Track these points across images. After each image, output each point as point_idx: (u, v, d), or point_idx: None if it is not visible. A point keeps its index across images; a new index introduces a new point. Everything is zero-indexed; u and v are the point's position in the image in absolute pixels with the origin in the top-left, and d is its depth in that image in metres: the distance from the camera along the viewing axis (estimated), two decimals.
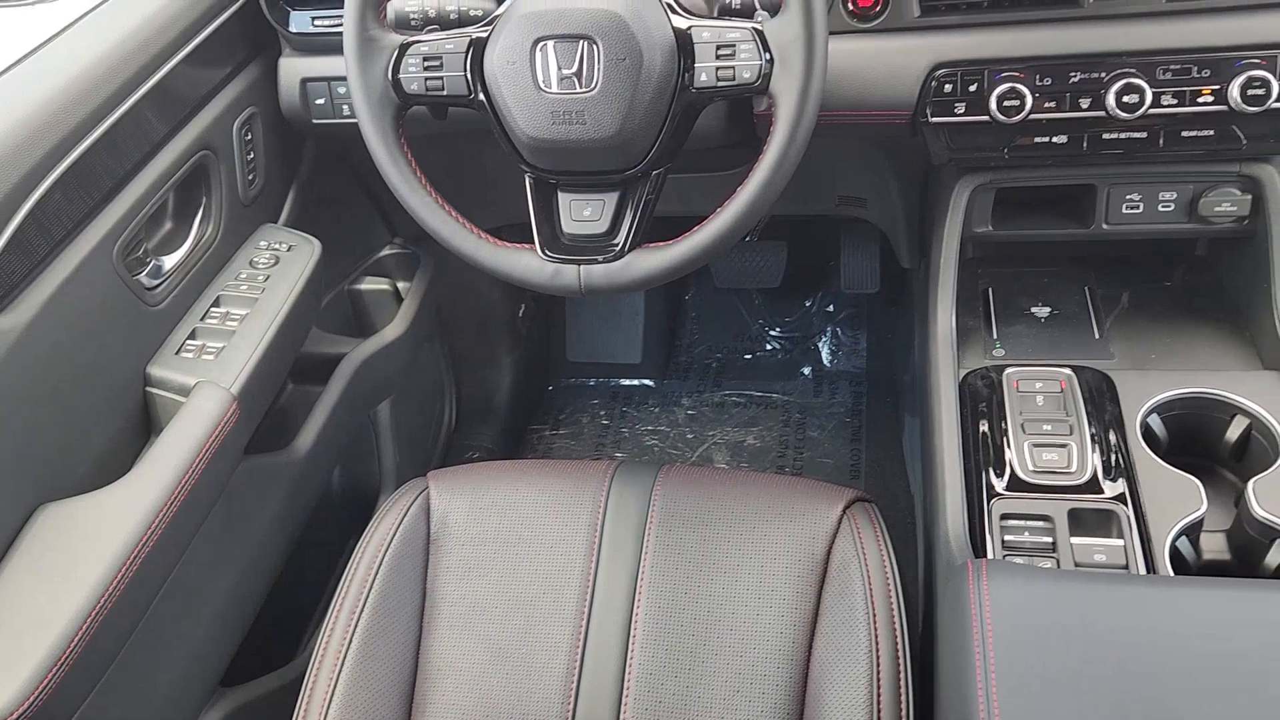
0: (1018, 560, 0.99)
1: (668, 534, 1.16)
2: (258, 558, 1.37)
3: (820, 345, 2.28)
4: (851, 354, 2.25)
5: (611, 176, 1.10)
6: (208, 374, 1.26)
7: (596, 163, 1.09)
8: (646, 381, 2.29)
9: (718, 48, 1.04)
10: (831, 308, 2.33)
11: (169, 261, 1.32)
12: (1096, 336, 1.29)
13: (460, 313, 2.02)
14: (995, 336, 1.32)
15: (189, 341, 1.31)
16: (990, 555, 1.01)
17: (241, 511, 1.32)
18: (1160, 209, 1.26)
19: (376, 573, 1.14)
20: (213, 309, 1.35)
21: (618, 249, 1.09)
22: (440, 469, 1.29)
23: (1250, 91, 1.11)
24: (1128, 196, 1.27)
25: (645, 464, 1.26)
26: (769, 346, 2.32)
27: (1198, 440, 1.17)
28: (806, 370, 2.24)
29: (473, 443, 2.08)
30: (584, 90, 1.04)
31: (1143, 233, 1.28)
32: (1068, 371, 1.17)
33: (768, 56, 1.02)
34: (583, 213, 1.12)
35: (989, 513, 1.03)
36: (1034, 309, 1.35)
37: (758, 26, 1.04)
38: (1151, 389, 1.16)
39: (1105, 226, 1.29)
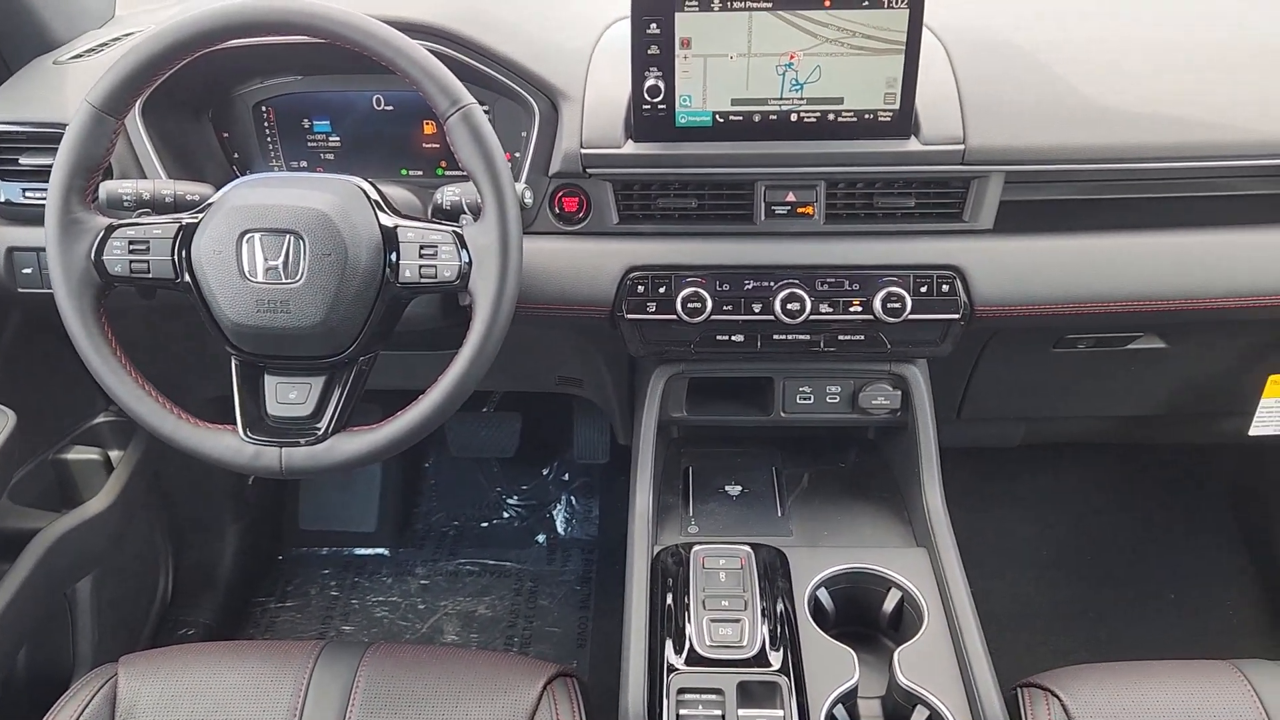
0: None
1: (369, 717, 1.16)
2: None
3: (555, 513, 2.34)
4: (584, 521, 2.33)
5: (318, 362, 1.14)
6: None
7: (303, 349, 1.13)
8: (381, 550, 2.27)
9: (421, 247, 1.12)
10: (567, 476, 2.40)
11: None
12: (779, 514, 1.42)
13: (181, 480, 1.96)
14: (691, 514, 1.42)
15: None
16: None
17: None
18: (828, 400, 1.42)
19: None
20: None
21: (321, 432, 1.13)
22: (134, 653, 1.23)
23: (890, 304, 1.29)
24: (800, 389, 1.42)
25: (352, 644, 1.26)
26: (506, 514, 2.36)
27: (862, 611, 1.29)
28: (541, 538, 2.29)
29: (189, 618, 1.98)
30: (289, 281, 1.09)
31: (814, 421, 1.44)
32: (747, 548, 1.28)
33: (466, 258, 1.11)
34: (288, 395, 1.14)
35: (668, 687, 1.10)
36: (728, 487, 1.47)
37: (459, 230, 1.13)
38: (820, 564, 1.29)
39: (783, 415, 1.43)
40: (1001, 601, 2.08)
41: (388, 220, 1.13)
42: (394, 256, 1.12)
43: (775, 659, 1.13)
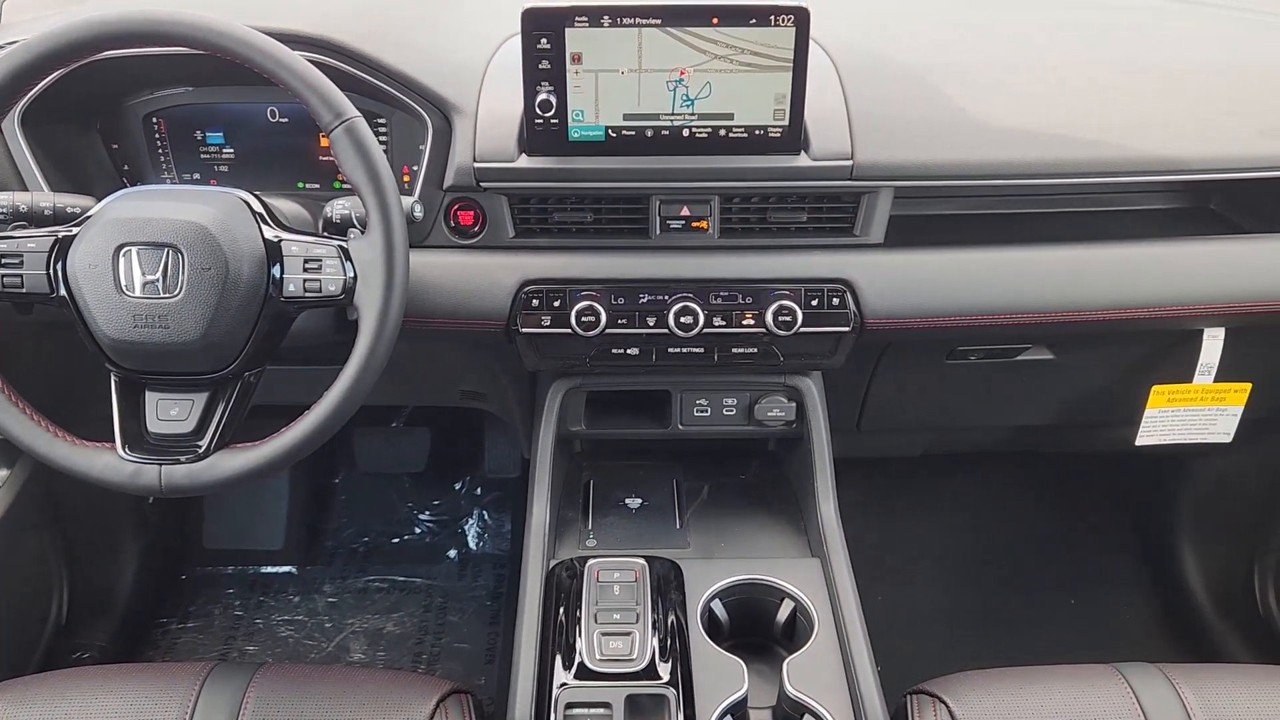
0: None
1: None
2: None
3: (467, 528, 2.32)
4: (496, 536, 2.31)
5: (201, 377, 1.12)
6: None
7: (183, 365, 1.11)
8: (289, 568, 2.23)
9: (305, 261, 1.11)
10: (479, 490, 2.39)
11: None
12: (678, 526, 1.43)
13: (76, 499, 1.90)
14: (590, 527, 1.42)
15: None
16: None
17: None
18: (725, 413, 1.44)
19: None
20: None
21: (202, 449, 1.11)
22: (9, 680, 1.20)
23: (781, 318, 1.31)
24: (697, 401, 1.44)
25: (242, 665, 1.24)
26: (417, 530, 2.33)
27: (756, 622, 1.30)
28: (452, 553, 2.27)
29: (84, 642, 1.93)
30: (168, 296, 1.07)
31: (712, 433, 1.45)
32: (642, 561, 1.28)
33: (352, 272, 1.10)
34: (169, 412, 1.12)
35: (555, 702, 1.10)
36: (628, 500, 1.48)
37: (344, 244, 1.12)
38: (715, 576, 1.30)
39: (680, 427, 1.45)
40: (908, 609, 2.12)
41: (271, 234, 1.12)
42: (277, 270, 1.11)
43: (665, 671, 1.13)
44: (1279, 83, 1.41)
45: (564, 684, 1.12)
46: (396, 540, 2.30)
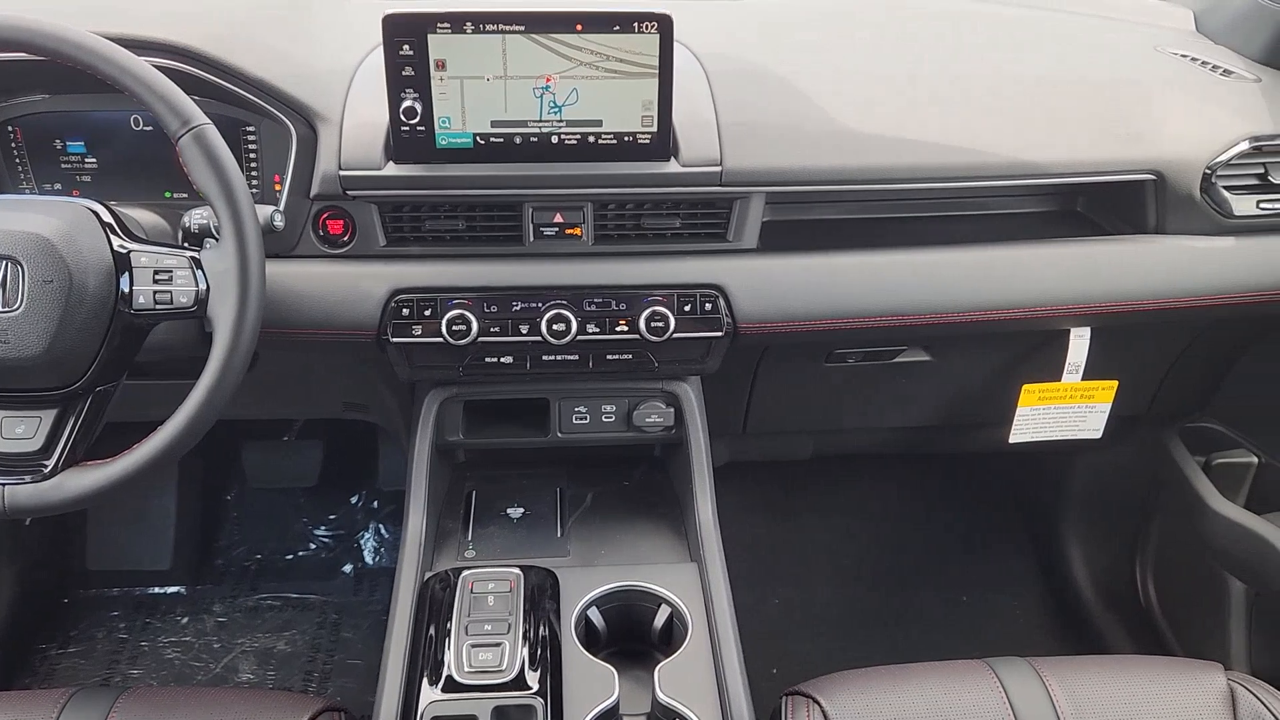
0: None
1: None
2: None
3: (363, 542, 2.29)
4: (393, 550, 2.27)
5: (48, 394, 1.09)
6: None
7: (28, 381, 1.07)
8: (178, 589, 2.17)
9: (155, 272, 1.08)
10: (376, 504, 2.35)
11: None
12: (559, 535, 1.42)
13: None
14: (470, 538, 1.41)
15: None
16: None
17: None
18: (604, 419, 1.43)
19: None
20: None
21: (49, 468, 1.07)
22: None
23: (654, 323, 1.31)
24: (576, 409, 1.43)
25: (105, 690, 1.20)
26: (312, 545, 2.29)
27: (634, 629, 1.30)
28: (348, 568, 2.23)
29: None
30: (7, 310, 1.03)
31: (591, 440, 1.45)
32: (517, 571, 1.27)
33: (205, 283, 1.07)
34: (15, 430, 1.08)
35: (421, 716, 1.08)
36: (509, 510, 1.46)
37: (195, 255, 1.09)
38: (593, 583, 1.29)
39: (559, 435, 1.44)
40: (804, 610, 2.14)
41: (120, 244, 1.09)
42: (126, 282, 1.07)
43: (534, 681, 1.12)
44: (1134, 91, 1.46)
45: (432, 699, 1.10)
46: (290, 556, 2.26)
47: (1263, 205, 1.42)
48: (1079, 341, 1.50)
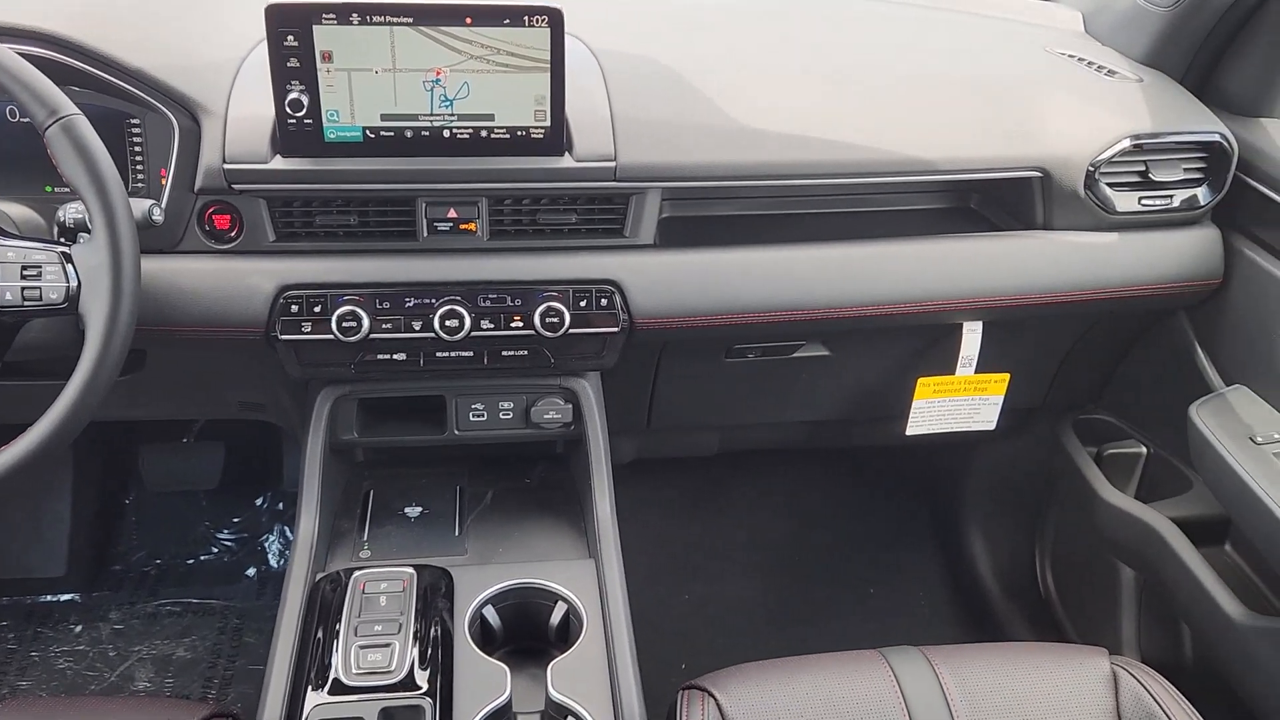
0: None
1: None
2: None
3: (268, 545, 2.24)
4: None
5: None
6: None
7: None
8: (72, 596, 2.10)
9: (23, 268, 1.04)
10: (281, 506, 2.31)
11: None
12: (456, 534, 1.40)
13: None
14: (365, 538, 1.39)
15: None
16: None
17: None
18: (502, 416, 1.42)
19: None
20: None
21: None
22: None
23: (548, 319, 1.30)
24: (473, 406, 1.42)
25: None
26: (215, 549, 2.24)
27: (530, 627, 1.29)
28: (251, 572, 2.18)
29: None
30: None
31: (489, 437, 1.43)
32: (410, 570, 1.25)
33: (76, 280, 1.04)
34: None
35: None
36: (407, 509, 1.44)
37: (67, 250, 1.05)
38: (488, 581, 1.28)
39: (457, 432, 1.42)
40: (714, 605, 2.15)
41: None
42: None
43: (423, 681, 1.10)
44: (1023, 91, 1.50)
45: (318, 702, 1.08)
46: (191, 561, 2.20)
47: (1144, 202, 1.46)
48: (971, 335, 1.53)
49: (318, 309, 1.27)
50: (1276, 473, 1.35)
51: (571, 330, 1.31)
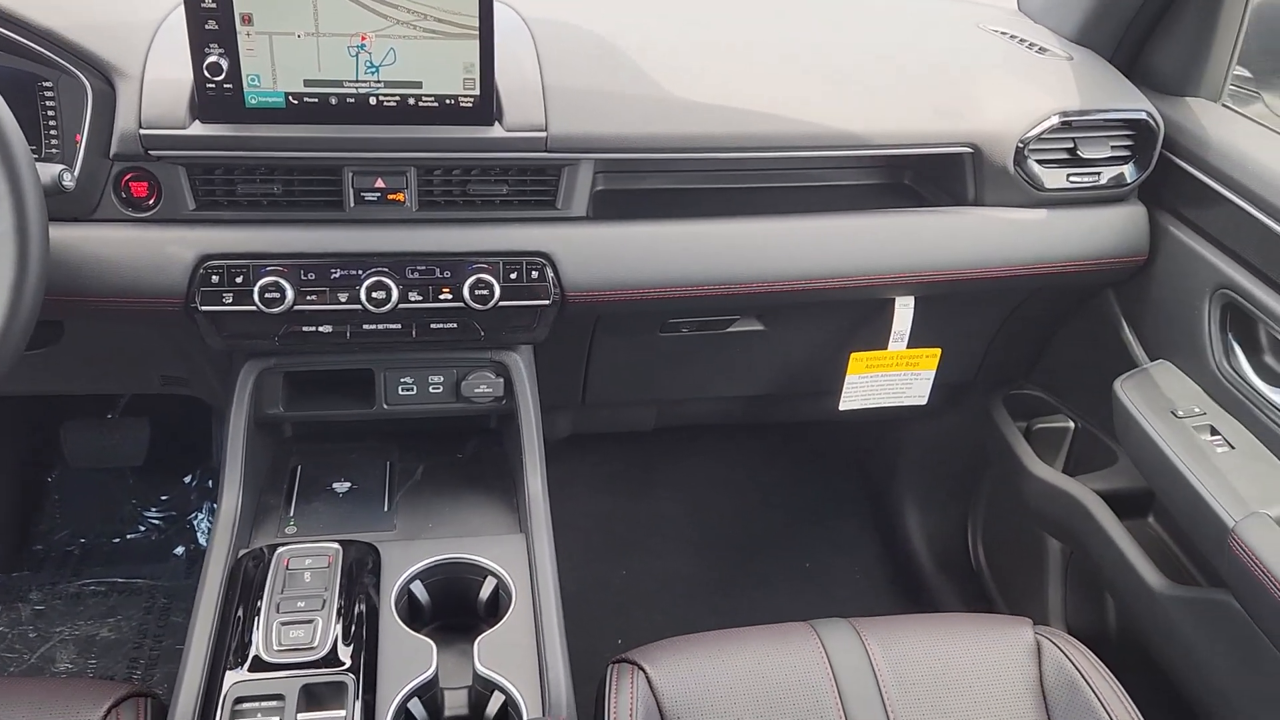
0: None
1: None
2: None
3: (197, 523, 2.20)
4: None
5: None
6: None
7: None
8: None
9: None
10: (211, 483, 2.26)
11: None
12: (385, 509, 1.38)
13: None
14: (291, 514, 1.36)
15: None
16: None
17: None
18: (431, 390, 1.40)
19: None
20: None
21: None
22: None
23: (478, 291, 1.28)
24: (402, 380, 1.39)
25: None
26: (142, 528, 2.19)
27: (460, 602, 1.28)
28: (179, 551, 2.14)
29: None
30: None
31: (419, 412, 1.41)
32: (336, 546, 1.23)
33: None
34: None
35: (224, 698, 1.04)
36: (335, 485, 1.42)
37: None
38: (416, 557, 1.26)
39: (385, 407, 1.40)
40: (651, 580, 2.15)
41: None
42: None
43: (347, 657, 1.09)
44: (955, 67, 1.50)
45: (238, 679, 1.06)
46: (117, 540, 2.15)
47: (1072, 179, 1.48)
48: (903, 310, 1.54)
49: (239, 280, 1.24)
50: (1196, 446, 1.38)
51: (502, 303, 1.30)
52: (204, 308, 1.24)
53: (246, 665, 1.07)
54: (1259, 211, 1.36)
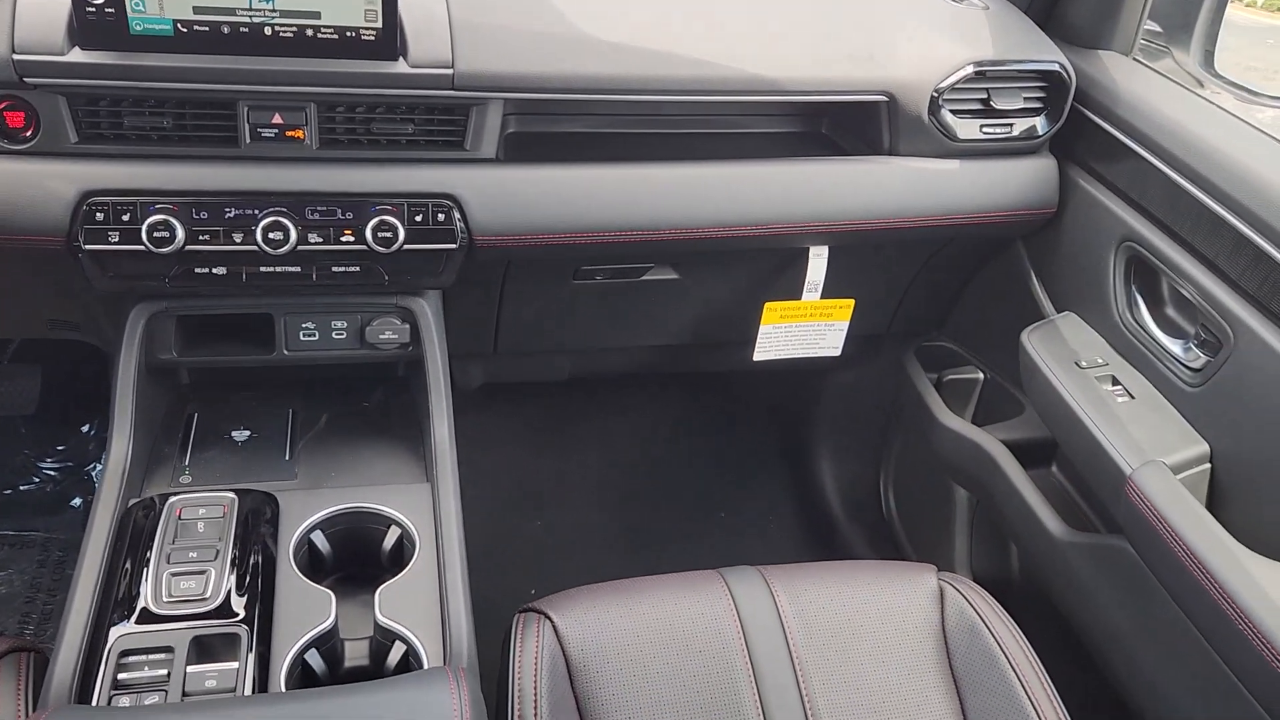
0: (124, 699, 0.97)
1: None
2: None
3: (95, 474, 2.12)
4: None
5: None
6: None
7: None
8: None
9: None
10: None
11: None
12: (286, 458, 1.34)
13: None
14: (186, 463, 1.31)
15: None
16: (98, 695, 0.97)
17: None
18: (334, 336, 1.36)
19: None
20: None
21: None
22: None
23: (381, 234, 1.24)
24: (303, 325, 1.35)
25: None
26: (36, 479, 2.10)
27: (363, 552, 1.25)
28: (76, 502, 2.06)
29: None
30: None
31: (321, 358, 1.37)
32: (231, 495, 1.19)
33: None
34: None
35: (109, 650, 1.00)
36: (234, 433, 1.37)
37: None
38: (316, 506, 1.23)
39: (286, 353, 1.35)
40: (564, 532, 2.14)
41: None
42: None
43: (240, 609, 1.06)
44: (871, 14, 1.49)
45: (124, 632, 1.02)
46: (10, 491, 2.06)
47: (985, 129, 1.48)
48: (817, 260, 1.54)
49: (126, 217, 1.18)
50: (1097, 396, 1.40)
51: (406, 246, 1.26)
52: (88, 246, 1.18)
53: (134, 617, 1.04)
54: (1164, 164, 1.38)
